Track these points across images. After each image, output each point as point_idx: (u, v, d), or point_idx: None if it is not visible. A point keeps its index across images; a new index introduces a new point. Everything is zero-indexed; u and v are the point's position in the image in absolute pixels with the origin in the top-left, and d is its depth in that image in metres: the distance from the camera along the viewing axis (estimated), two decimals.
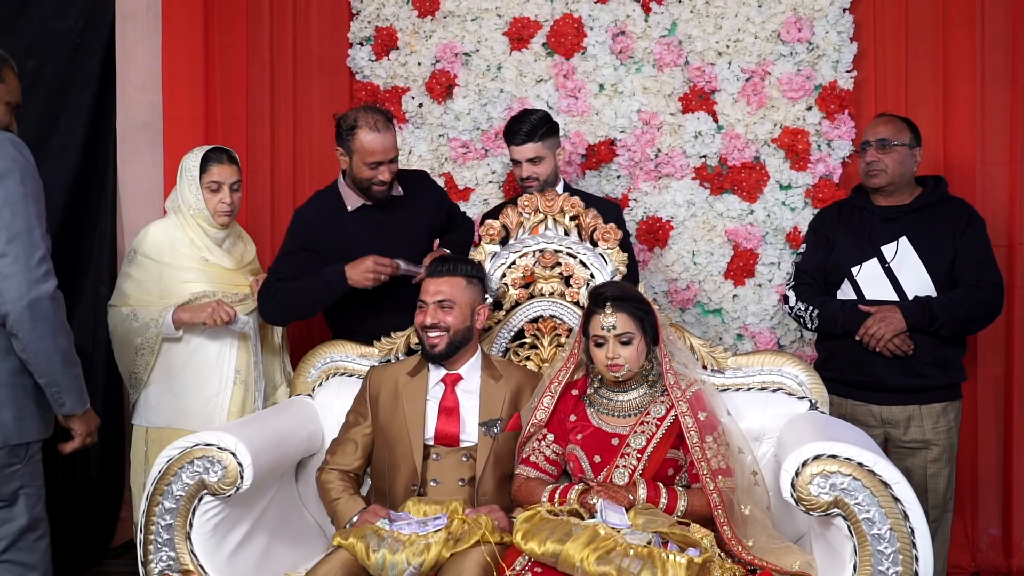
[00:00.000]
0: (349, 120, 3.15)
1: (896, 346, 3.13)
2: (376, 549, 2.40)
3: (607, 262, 3.08)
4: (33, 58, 3.94)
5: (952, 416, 3.24)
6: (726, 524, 2.52)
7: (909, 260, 3.19)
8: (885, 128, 3.25)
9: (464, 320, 2.82)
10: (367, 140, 3.11)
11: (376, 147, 3.11)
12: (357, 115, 3.14)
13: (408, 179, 3.36)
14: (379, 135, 3.11)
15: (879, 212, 3.27)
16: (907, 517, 2.23)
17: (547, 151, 3.47)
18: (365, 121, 3.11)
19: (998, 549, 3.82)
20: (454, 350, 2.83)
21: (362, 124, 3.11)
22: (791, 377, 2.91)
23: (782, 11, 3.86)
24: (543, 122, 3.47)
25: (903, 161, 3.23)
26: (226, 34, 4.04)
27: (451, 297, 2.82)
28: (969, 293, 3.14)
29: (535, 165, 3.45)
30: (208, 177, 3.16)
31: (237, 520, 2.63)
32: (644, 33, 3.91)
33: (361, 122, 3.12)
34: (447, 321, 2.80)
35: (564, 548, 2.29)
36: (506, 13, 3.98)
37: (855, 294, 3.24)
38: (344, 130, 3.15)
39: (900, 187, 3.26)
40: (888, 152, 3.22)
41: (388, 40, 4.05)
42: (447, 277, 2.85)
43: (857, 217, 3.31)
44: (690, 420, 2.64)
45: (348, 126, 3.14)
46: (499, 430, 2.78)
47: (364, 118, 3.12)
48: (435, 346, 2.80)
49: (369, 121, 3.11)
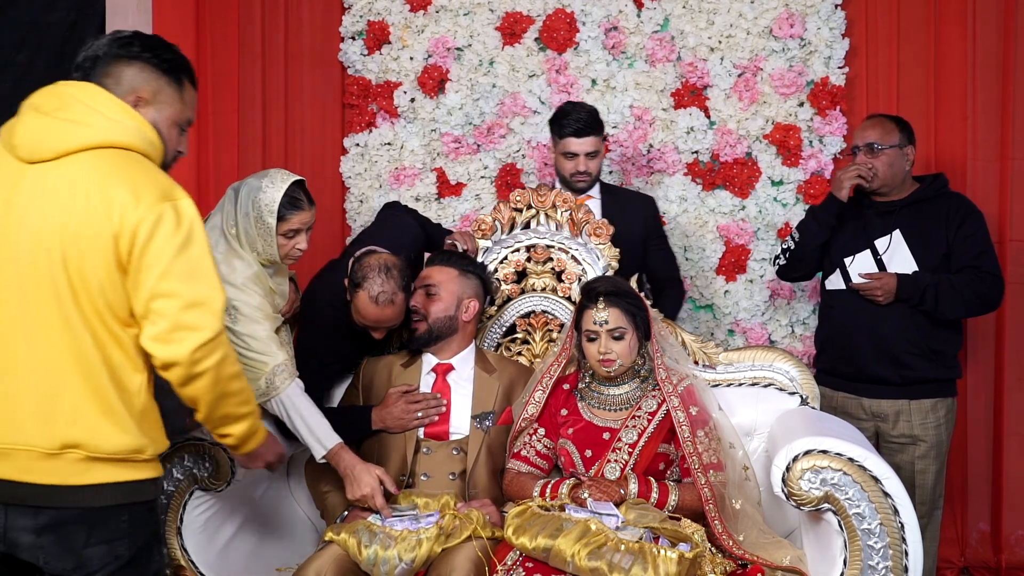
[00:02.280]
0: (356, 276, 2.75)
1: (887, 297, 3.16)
2: (368, 545, 2.40)
3: (599, 257, 3.08)
4: (24, 51, 3.93)
5: (943, 413, 3.24)
6: (717, 519, 2.53)
7: (900, 253, 3.21)
8: (873, 131, 3.25)
9: (447, 309, 2.82)
10: (362, 306, 2.74)
11: (369, 316, 2.74)
12: (366, 275, 2.72)
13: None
14: (376, 307, 2.71)
15: (875, 207, 3.28)
16: (897, 512, 2.24)
17: (601, 145, 3.42)
18: (370, 285, 2.70)
19: (987, 544, 3.83)
20: (434, 338, 2.83)
21: (365, 287, 2.71)
22: (782, 373, 2.92)
23: (774, 7, 3.86)
24: (597, 114, 3.41)
25: (893, 163, 3.23)
26: (217, 28, 4.02)
27: (437, 283, 2.83)
28: (969, 282, 3.13)
29: (591, 159, 3.38)
30: (286, 225, 2.61)
31: (228, 515, 2.63)
32: (636, 28, 3.91)
33: (366, 286, 2.72)
34: (428, 308, 2.81)
35: (555, 543, 2.30)
36: (498, 8, 3.98)
37: (844, 284, 3.27)
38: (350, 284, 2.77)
39: (894, 187, 3.26)
40: (877, 156, 3.22)
41: (380, 34, 4.04)
42: (440, 265, 2.87)
43: (854, 210, 3.31)
44: (681, 415, 2.64)
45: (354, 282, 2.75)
46: (491, 423, 2.78)
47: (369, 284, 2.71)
48: (416, 330, 2.83)
49: (372, 290, 2.70)
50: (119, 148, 1.87)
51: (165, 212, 1.81)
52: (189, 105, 2.03)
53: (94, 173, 1.82)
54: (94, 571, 1.85)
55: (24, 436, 1.81)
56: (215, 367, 1.86)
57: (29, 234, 1.82)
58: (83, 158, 1.84)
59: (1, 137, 1.92)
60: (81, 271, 1.81)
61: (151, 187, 1.83)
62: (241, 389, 1.96)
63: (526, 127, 3.93)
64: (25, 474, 1.81)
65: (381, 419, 2.79)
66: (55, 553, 1.83)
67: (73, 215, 1.80)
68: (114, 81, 1.94)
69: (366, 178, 4.04)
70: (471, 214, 3.93)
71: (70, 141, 1.84)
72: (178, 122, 2.01)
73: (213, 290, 1.86)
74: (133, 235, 1.80)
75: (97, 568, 1.85)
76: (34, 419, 1.81)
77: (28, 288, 1.82)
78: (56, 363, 1.81)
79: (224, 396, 1.92)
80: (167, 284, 1.81)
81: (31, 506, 1.81)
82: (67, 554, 1.84)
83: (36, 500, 1.81)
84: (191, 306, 1.83)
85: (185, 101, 2.02)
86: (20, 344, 1.82)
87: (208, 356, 1.85)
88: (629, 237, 3.27)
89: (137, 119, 1.91)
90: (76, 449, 1.81)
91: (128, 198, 1.80)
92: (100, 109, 1.88)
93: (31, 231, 1.82)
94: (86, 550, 1.84)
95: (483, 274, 2.96)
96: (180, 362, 1.83)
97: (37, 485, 1.81)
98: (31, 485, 1.81)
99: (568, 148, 3.38)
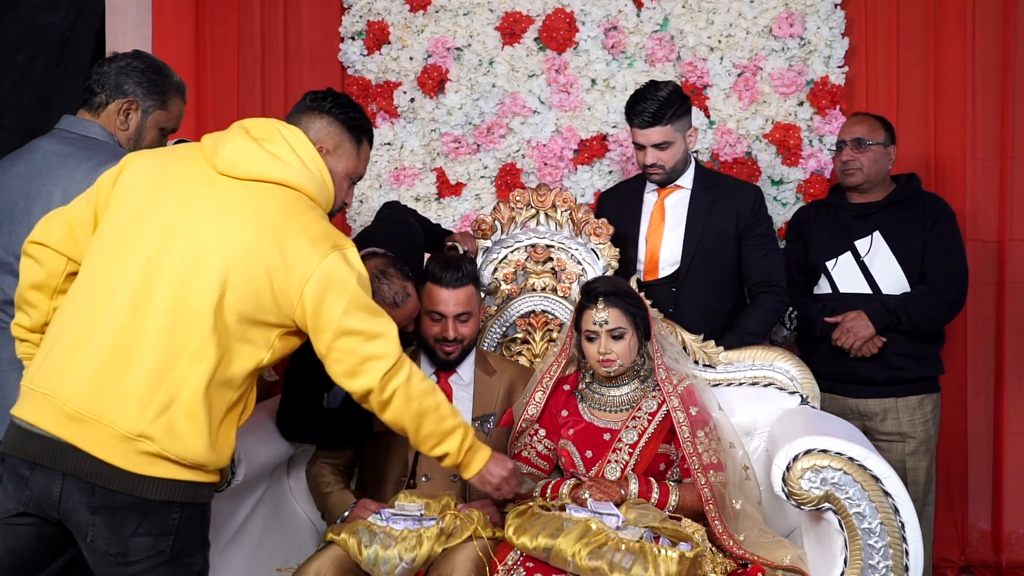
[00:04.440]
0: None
1: (868, 350, 3.21)
2: (368, 545, 2.40)
3: (599, 257, 3.08)
4: (23, 52, 3.92)
5: (929, 409, 3.29)
6: (717, 519, 2.53)
7: (882, 254, 3.27)
8: (860, 127, 3.33)
9: (478, 325, 2.84)
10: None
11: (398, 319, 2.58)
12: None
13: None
14: (399, 309, 2.66)
15: (853, 209, 3.34)
16: (897, 511, 2.24)
17: (676, 134, 3.02)
18: (382, 298, 2.63)
19: (987, 543, 3.83)
20: (465, 354, 2.84)
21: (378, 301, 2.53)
22: (782, 372, 2.92)
23: (774, 6, 3.86)
24: (672, 100, 2.99)
25: (878, 160, 3.30)
26: (216, 28, 4.01)
27: (469, 309, 2.79)
28: (934, 292, 3.21)
29: (661, 151, 3.02)
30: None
31: (229, 515, 2.62)
32: (636, 28, 3.91)
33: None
34: (463, 333, 2.78)
35: (556, 543, 2.30)
36: (498, 8, 3.97)
37: (831, 288, 3.29)
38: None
39: (875, 184, 3.33)
40: (863, 151, 3.29)
41: (380, 34, 4.03)
42: (463, 288, 2.78)
43: (833, 214, 3.38)
44: (682, 415, 2.64)
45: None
46: (493, 425, 2.78)
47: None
48: (450, 353, 2.80)
49: (387, 298, 2.65)
50: (302, 192, 2.03)
51: (337, 261, 1.97)
52: (363, 161, 2.23)
53: (280, 207, 1.98)
54: (135, 560, 1.89)
55: (114, 413, 1.86)
56: (404, 385, 2.05)
57: (207, 235, 1.94)
58: (272, 189, 2.00)
59: (204, 144, 2.07)
60: (238, 289, 1.92)
61: (323, 236, 1.99)
62: (438, 404, 2.12)
63: (526, 127, 3.93)
64: (95, 447, 1.85)
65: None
66: (103, 534, 1.87)
67: (252, 235, 1.94)
68: (304, 130, 2.11)
69: (366, 178, 4.03)
70: (471, 214, 3.92)
71: (267, 171, 2.01)
72: (351, 176, 2.20)
73: (387, 324, 2.05)
74: (307, 280, 1.95)
75: (139, 558, 1.89)
76: (131, 401, 1.86)
77: (188, 284, 1.91)
78: (172, 358, 1.88)
79: (422, 414, 2.10)
80: (349, 322, 1.98)
81: (88, 482, 1.86)
82: (114, 538, 1.88)
83: (95, 477, 1.86)
84: (372, 338, 2.01)
85: (360, 158, 2.21)
86: (158, 330, 1.89)
87: (395, 377, 2.04)
88: (714, 235, 3.07)
89: (324, 171, 2.08)
90: (149, 441, 1.86)
91: (304, 243, 1.95)
92: (300, 153, 2.05)
93: (210, 233, 1.94)
94: (133, 539, 1.88)
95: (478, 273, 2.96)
96: (373, 388, 2.03)
97: (101, 462, 1.85)
98: (96, 460, 1.85)
99: (635, 138, 3.07)
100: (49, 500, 1.88)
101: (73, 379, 1.87)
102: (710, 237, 3.09)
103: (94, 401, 1.86)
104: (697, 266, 3.09)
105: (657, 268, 3.15)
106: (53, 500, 1.88)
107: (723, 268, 3.12)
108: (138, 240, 1.95)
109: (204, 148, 2.06)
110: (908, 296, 3.22)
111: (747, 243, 3.11)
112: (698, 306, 3.09)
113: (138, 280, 1.91)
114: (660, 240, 3.16)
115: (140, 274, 1.92)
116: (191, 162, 2.05)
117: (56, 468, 1.87)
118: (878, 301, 3.22)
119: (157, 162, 2.07)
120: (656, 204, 3.19)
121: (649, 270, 3.17)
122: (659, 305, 3.02)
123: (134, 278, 1.91)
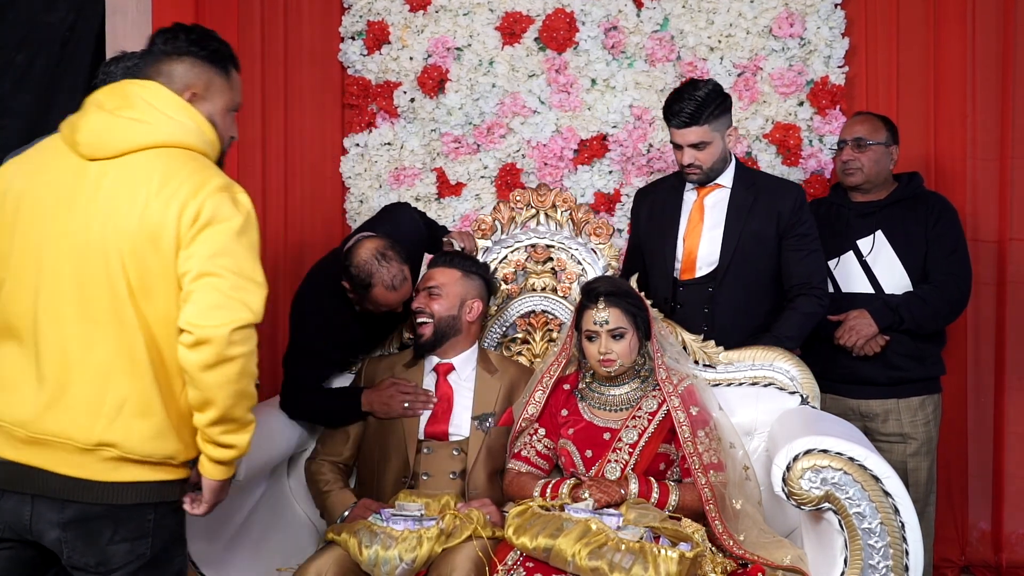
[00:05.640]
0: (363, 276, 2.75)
1: (871, 348, 3.19)
2: (369, 545, 2.40)
3: (599, 257, 3.08)
4: (23, 51, 3.92)
5: (930, 409, 3.28)
6: (717, 519, 2.53)
7: (884, 254, 3.25)
8: (861, 127, 3.31)
9: (450, 309, 2.83)
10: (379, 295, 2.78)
11: (392, 301, 2.80)
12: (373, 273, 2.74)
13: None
14: (395, 292, 2.77)
15: (855, 208, 3.33)
16: (897, 511, 2.24)
17: (715, 134, 2.97)
18: (380, 279, 2.74)
19: (988, 543, 3.83)
20: (441, 338, 2.84)
21: (376, 282, 2.74)
22: (782, 372, 2.92)
23: (774, 6, 3.86)
24: (711, 99, 2.95)
25: (879, 160, 3.28)
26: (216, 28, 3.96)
27: (440, 284, 2.83)
28: (936, 291, 3.20)
29: (699, 151, 2.98)
30: None
31: (229, 515, 2.62)
32: (636, 28, 3.91)
33: (376, 280, 2.75)
34: (432, 308, 2.82)
35: (556, 543, 2.30)
36: (498, 8, 3.97)
37: (833, 288, 3.27)
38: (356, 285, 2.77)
39: (876, 184, 3.31)
40: (864, 151, 3.27)
41: (380, 34, 4.03)
42: (442, 267, 2.88)
43: (834, 214, 3.36)
44: (682, 415, 2.64)
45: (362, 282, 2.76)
46: (491, 424, 2.78)
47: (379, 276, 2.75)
48: (422, 335, 2.83)
49: (385, 280, 2.74)
50: (180, 148, 1.89)
51: (223, 200, 1.83)
52: (237, 90, 2.08)
53: (155, 173, 1.84)
54: (116, 568, 1.86)
55: (67, 429, 1.82)
56: (246, 356, 1.82)
57: (90, 231, 1.83)
58: (145, 157, 1.85)
59: (62, 133, 1.92)
60: (140, 271, 1.82)
61: (211, 182, 1.85)
62: (254, 395, 1.90)
63: (526, 127, 3.93)
64: (58, 465, 1.82)
65: (369, 401, 2.82)
66: (79, 548, 1.85)
67: (133, 215, 1.82)
68: (167, 79, 1.96)
69: (366, 178, 4.03)
70: (471, 214, 3.92)
71: (133, 140, 1.86)
72: (229, 109, 2.05)
73: (262, 282, 1.85)
74: (192, 220, 1.80)
75: (119, 565, 1.87)
76: (80, 414, 1.82)
77: (87, 286, 1.83)
78: (107, 361, 1.83)
79: (242, 396, 1.85)
80: (221, 261, 1.80)
81: (58, 499, 1.83)
82: (91, 549, 1.85)
83: (64, 493, 1.83)
84: (241, 287, 1.80)
85: (233, 87, 2.06)
86: (77, 340, 1.83)
87: (244, 342, 1.81)
88: (753, 235, 3.03)
89: (197, 118, 1.93)
90: (110, 448, 1.82)
91: (188, 193, 1.81)
92: (163, 108, 1.90)
93: (92, 228, 1.83)
94: (110, 547, 1.85)
95: (486, 275, 2.96)
96: (215, 339, 1.77)
97: (67, 478, 1.82)
98: (61, 477, 1.82)
99: (672, 138, 3.04)
100: (21, 523, 1.85)
101: (18, 406, 1.84)
102: (749, 237, 3.03)
103: (44, 422, 1.82)
104: (735, 266, 3.03)
105: (694, 267, 3.09)
106: (25, 523, 1.85)
107: (761, 269, 3.06)
108: (27, 259, 1.86)
109: (63, 136, 1.91)
110: (911, 295, 3.21)
111: (787, 243, 3.06)
112: (734, 306, 3.04)
113: (43, 301, 1.84)
114: (698, 239, 3.09)
115: (41, 295, 1.84)
116: (54, 157, 1.91)
117: (25, 491, 1.84)
118: (881, 300, 3.21)
119: (22, 167, 1.94)
120: (696, 203, 3.13)
121: (686, 269, 3.10)
122: (695, 304, 3.01)
123: (37, 300, 1.84)
